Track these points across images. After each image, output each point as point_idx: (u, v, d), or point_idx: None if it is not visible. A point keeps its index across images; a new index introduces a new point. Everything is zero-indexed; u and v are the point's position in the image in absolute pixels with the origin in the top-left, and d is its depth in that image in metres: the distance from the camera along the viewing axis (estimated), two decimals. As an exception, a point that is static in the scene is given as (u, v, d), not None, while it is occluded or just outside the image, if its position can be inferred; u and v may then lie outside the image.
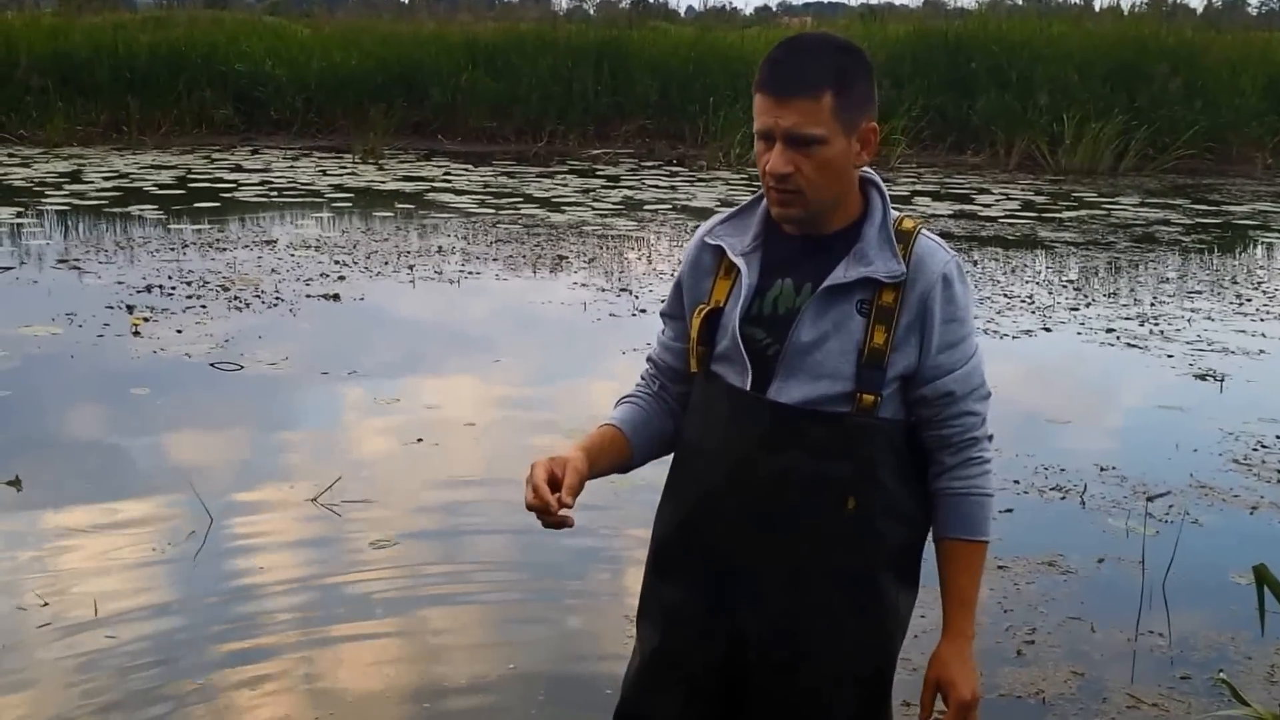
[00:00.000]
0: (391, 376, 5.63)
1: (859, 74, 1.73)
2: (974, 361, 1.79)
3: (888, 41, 16.03)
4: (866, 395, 1.72)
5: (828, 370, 1.72)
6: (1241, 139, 14.68)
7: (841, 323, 1.73)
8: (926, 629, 3.29)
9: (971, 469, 1.81)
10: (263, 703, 2.90)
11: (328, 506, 4.07)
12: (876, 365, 1.72)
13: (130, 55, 15.47)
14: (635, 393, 1.95)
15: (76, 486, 4.21)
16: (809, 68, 1.68)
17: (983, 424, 1.82)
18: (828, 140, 1.68)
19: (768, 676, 1.79)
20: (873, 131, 1.74)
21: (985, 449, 1.82)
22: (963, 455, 1.80)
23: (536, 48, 16.00)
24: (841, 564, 1.75)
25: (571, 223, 9.93)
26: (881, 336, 1.72)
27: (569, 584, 3.66)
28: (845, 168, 1.73)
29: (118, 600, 3.39)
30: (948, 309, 1.75)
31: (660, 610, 1.87)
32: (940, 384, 1.76)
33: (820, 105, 1.67)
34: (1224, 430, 5.02)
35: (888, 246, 1.74)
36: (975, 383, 1.80)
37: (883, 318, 1.72)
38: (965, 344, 1.78)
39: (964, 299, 1.77)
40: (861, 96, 1.73)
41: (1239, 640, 3.28)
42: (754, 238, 1.81)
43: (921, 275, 1.73)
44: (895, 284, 1.73)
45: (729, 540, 1.78)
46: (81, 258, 8.05)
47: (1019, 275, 8.27)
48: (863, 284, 1.73)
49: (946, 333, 1.75)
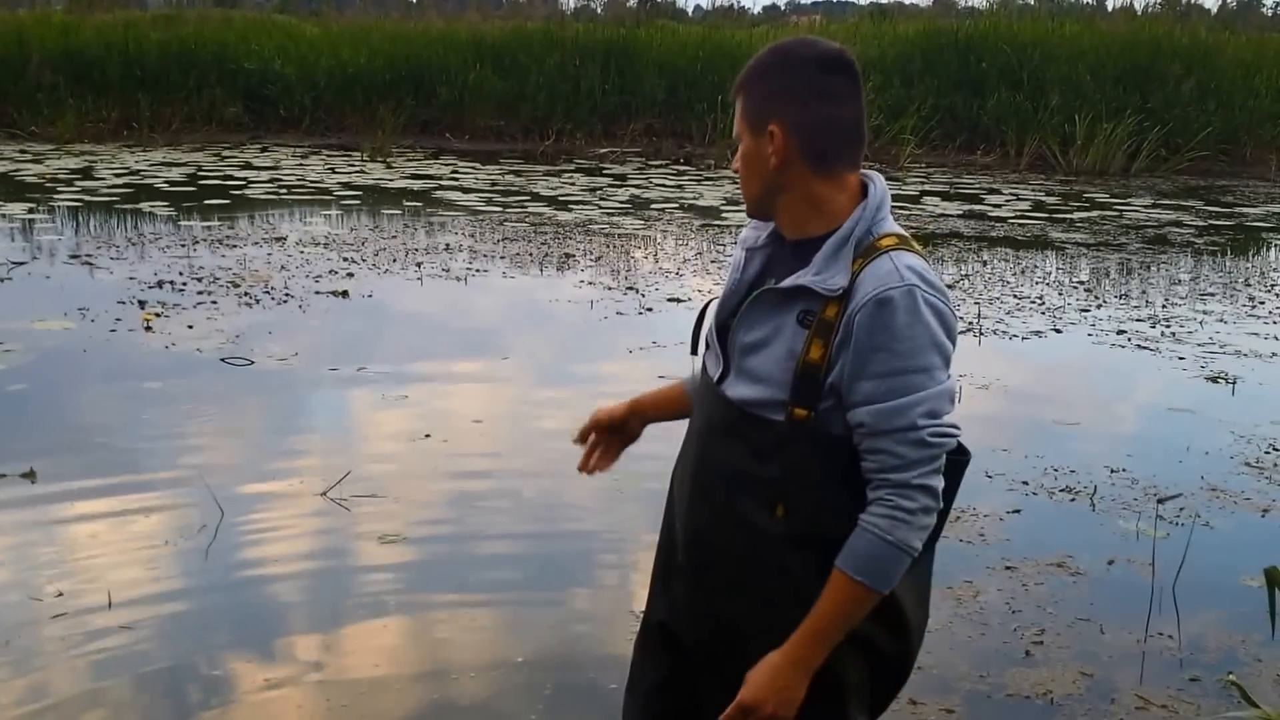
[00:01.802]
0: (400, 373, 5.64)
1: (770, 75, 1.74)
2: (906, 401, 1.63)
3: (897, 40, 16.02)
4: (799, 408, 1.68)
5: (764, 375, 1.71)
6: (1255, 140, 14.65)
7: (780, 330, 1.71)
8: (933, 628, 3.30)
9: (877, 509, 1.66)
10: (273, 693, 2.91)
11: (337, 501, 4.08)
12: (812, 379, 1.67)
13: (141, 53, 15.53)
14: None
15: (90, 479, 4.23)
16: (742, 71, 1.78)
17: (908, 469, 1.64)
18: (740, 139, 1.77)
19: (705, 666, 1.84)
20: (773, 134, 1.71)
21: (906, 495, 1.64)
22: (876, 493, 1.66)
23: (544, 46, 16.02)
24: (763, 561, 1.73)
25: (578, 221, 9.94)
26: (818, 351, 1.67)
27: (576, 578, 3.67)
28: (761, 166, 1.74)
29: (131, 591, 3.40)
30: (877, 336, 1.63)
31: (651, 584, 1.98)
32: (855, 413, 1.66)
33: (738, 107, 1.77)
34: (1235, 433, 5.01)
35: (842, 260, 1.67)
36: (898, 423, 1.63)
37: (822, 332, 1.67)
38: (897, 379, 1.63)
39: (908, 331, 1.62)
40: (766, 97, 1.73)
41: (1249, 643, 3.27)
42: (766, 237, 1.85)
43: (857, 294, 1.65)
44: (836, 299, 1.66)
45: (682, 514, 1.85)
46: (93, 253, 8.08)
47: (1029, 276, 8.25)
48: (803, 294, 1.68)
49: (872, 361, 1.63)
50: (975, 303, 7.16)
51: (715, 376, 1.81)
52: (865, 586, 1.66)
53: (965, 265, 8.48)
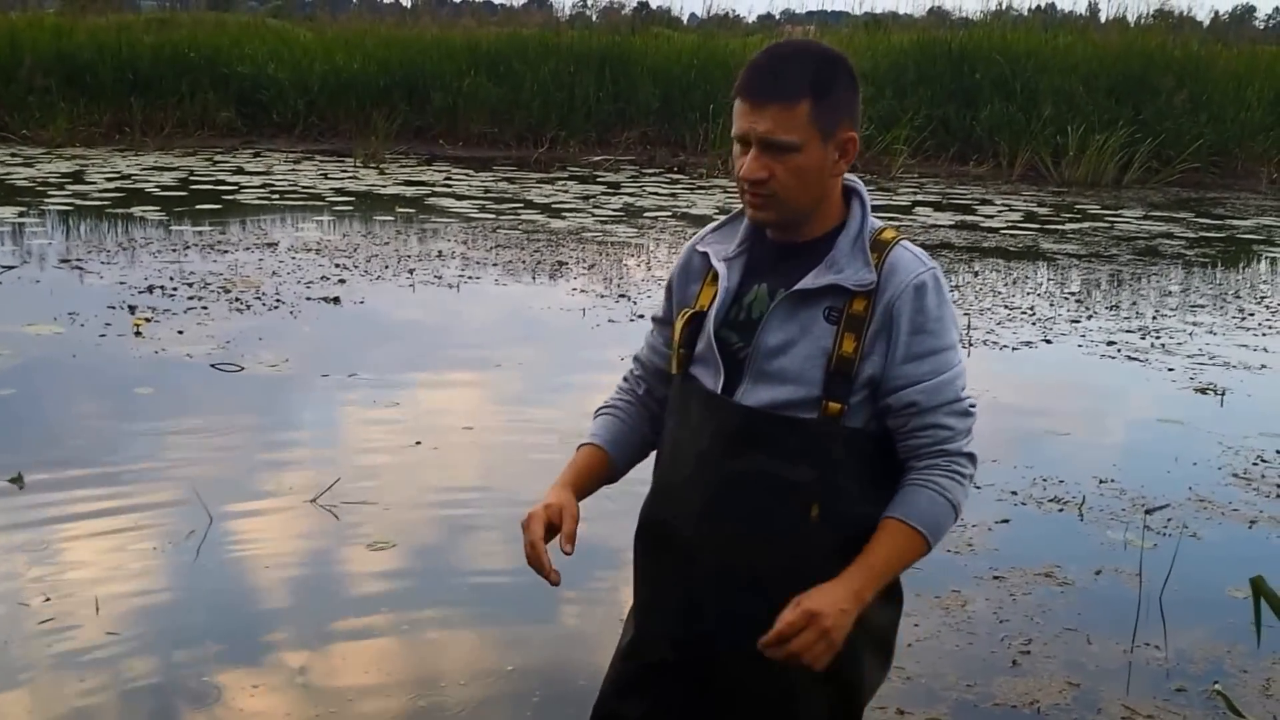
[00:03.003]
0: (391, 380, 5.64)
1: (838, 83, 1.73)
2: (947, 376, 1.73)
3: (891, 50, 16.05)
4: (833, 403, 1.72)
5: (793, 375, 1.73)
6: (1247, 153, 14.70)
7: (808, 328, 1.73)
8: (921, 637, 3.32)
9: (935, 471, 1.73)
10: (262, 700, 2.91)
11: (326, 508, 4.07)
12: (845, 373, 1.72)
13: (133, 56, 15.51)
14: (616, 400, 1.99)
15: (78, 485, 4.21)
16: (788, 74, 1.69)
17: (958, 439, 1.74)
18: (802, 147, 1.70)
19: (733, 678, 1.80)
20: (851, 141, 1.74)
21: (958, 463, 1.74)
22: (929, 461, 1.74)
23: (539, 53, 16.03)
24: (804, 570, 1.72)
25: (571, 229, 9.94)
26: (851, 345, 1.71)
27: (565, 587, 3.64)
28: (821, 175, 1.73)
29: (119, 598, 3.39)
30: (916, 319, 1.71)
31: (637, 607, 1.93)
32: (904, 394, 1.72)
33: (796, 112, 1.68)
34: (1224, 444, 5.02)
35: (861, 255, 1.73)
36: (946, 396, 1.73)
37: (853, 326, 1.72)
38: (937, 357, 1.73)
39: (938, 311, 1.73)
40: (840, 105, 1.73)
41: (1235, 653, 3.28)
42: (739, 244, 1.84)
43: (890, 284, 1.72)
44: (866, 293, 1.72)
45: (698, 541, 1.80)
46: (84, 258, 8.06)
47: (1020, 287, 8.27)
48: (831, 291, 1.73)
49: (913, 343, 1.71)
50: (966, 313, 7.18)
51: (718, 388, 1.78)
52: (923, 538, 1.73)
53: (957, 276, 8.50)
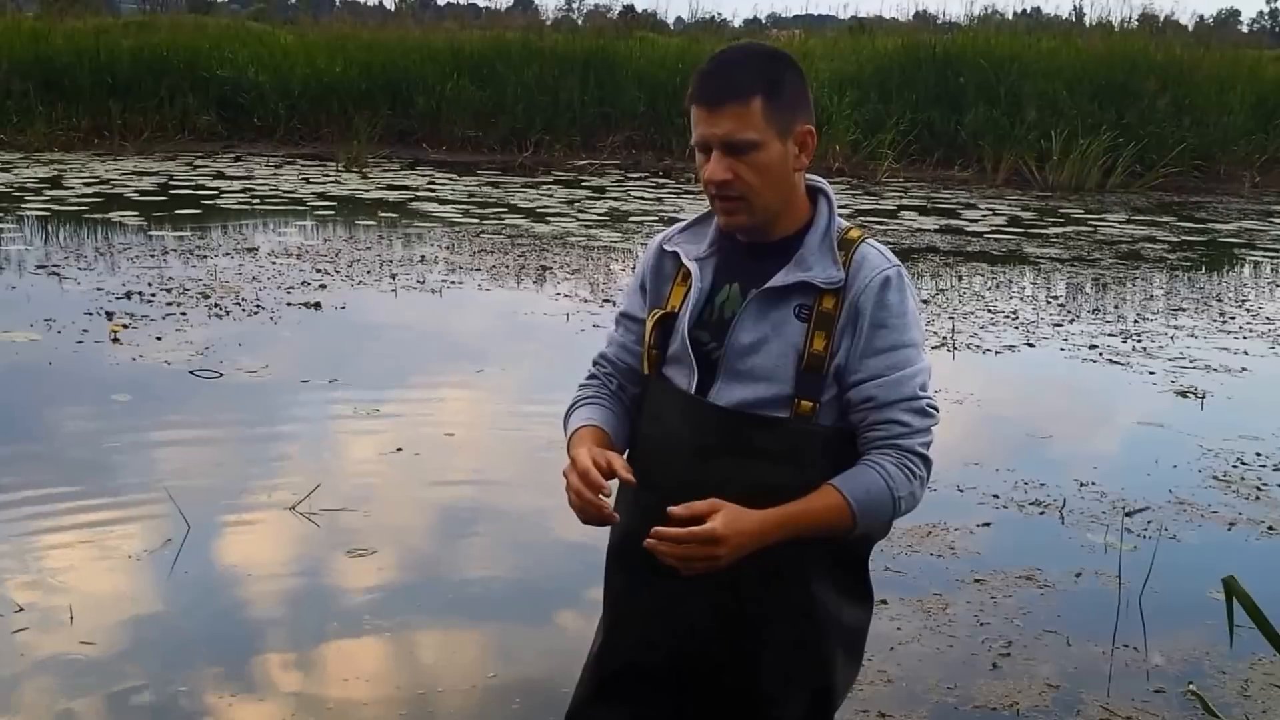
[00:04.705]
0: (372, 386, 5.61)
1: (788, 78, 1.75)
2: (907, 372, 1.73)
3: (876, 55, 16.09)
4: (805, 401, 1.73)
5: (765, 373, 1.74)
6: (1229, 157, 14.77)
7: (780, 327, 1.74)
8: (902, 640, 3.32)
9: (887, 459, 1.71)
10: (240, 710, 2.88)
11: (306, 515, 4.04)
12: (816, 371, 1.73)
13: (112, 60, 15.43)
14: (594, 393, 1.94)
15: (54, 493, 4.17)
16: (737, 75, 1.72)
17: (913, 436, 1.73)
18: (762, 144, 1.71)
19: (710, 681, 1.80)
20: (809, 134, 1.76)
21: (910, 459, 1.72)
22: (884, 452, 1.72)
23: (523, 57, 16.00)
24: (777, 570, 1.73)
25: (556, 234, 9.93)
26: (821, 342, 1.73)
27: (546, 592, 3.64)
28: (784, 171, 1.75)
29: (94, 607, 3.36)
30: (878, 314, 1.73)
31: (611, 612, 1.91)
32: (863, 388, 1.73)
33: (751, 110, 1.70)
34: (1204, 447, 5.04)
35: (829, 253, 1.76)
36: (905, 392, 1.72)
37: (823, 324, 1.73)
38: (897, 353, 1.73)
39: (900, 307, 1.74)
40: (793, 100, 1.74)
41: (1214, 655, 3.28)
42: (709, 244, 1.84)
43: (856, 280, 1.74)
44: (834, 290, 1.74)
45: None
46: (61, 264, 8.01)
47: (1003, 291, 8.30)
48: (800, 289, 1.74)
49: (874, 337, 1.72)
50: (950, 317, 7.19)
51: (692, 388, 1.79)
52: (852, 514, 1.70)
53: (941, 280, 8.52)
